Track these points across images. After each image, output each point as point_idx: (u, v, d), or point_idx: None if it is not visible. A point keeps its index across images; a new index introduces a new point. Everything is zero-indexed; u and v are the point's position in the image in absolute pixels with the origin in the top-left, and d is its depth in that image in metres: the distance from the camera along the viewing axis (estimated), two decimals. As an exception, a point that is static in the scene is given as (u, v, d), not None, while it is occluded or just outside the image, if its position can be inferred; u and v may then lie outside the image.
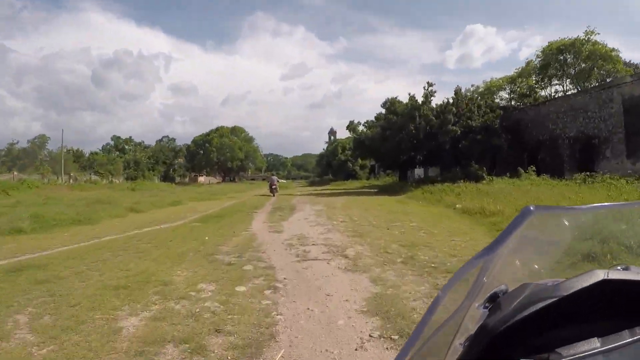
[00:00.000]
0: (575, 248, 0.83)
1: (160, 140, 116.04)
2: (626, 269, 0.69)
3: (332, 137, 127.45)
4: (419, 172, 55.63)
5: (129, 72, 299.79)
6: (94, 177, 76.12)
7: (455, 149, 36.90)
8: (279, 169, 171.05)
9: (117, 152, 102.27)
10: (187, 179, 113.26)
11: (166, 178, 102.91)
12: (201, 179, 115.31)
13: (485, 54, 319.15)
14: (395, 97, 46.81)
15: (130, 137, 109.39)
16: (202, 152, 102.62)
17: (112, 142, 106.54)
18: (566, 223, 0.79)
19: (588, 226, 0.82)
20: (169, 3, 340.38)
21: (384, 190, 39.96)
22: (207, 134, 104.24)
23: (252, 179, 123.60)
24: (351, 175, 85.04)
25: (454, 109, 37.57)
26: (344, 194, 36.90)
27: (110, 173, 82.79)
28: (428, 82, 41.05)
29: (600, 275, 0.64)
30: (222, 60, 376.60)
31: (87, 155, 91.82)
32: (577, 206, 0.79)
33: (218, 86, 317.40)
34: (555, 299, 0.63)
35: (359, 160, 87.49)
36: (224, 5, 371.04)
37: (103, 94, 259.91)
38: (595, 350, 0.58)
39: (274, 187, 37.82)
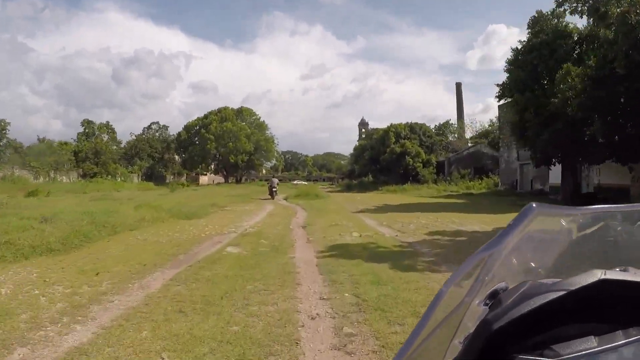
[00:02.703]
0: (575, 248, 0.82)
1: (149, 127, 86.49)
2: (624, 270, 0.68)
3: (363, 130, 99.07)
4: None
5: (150, 71, 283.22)
6: (19, 174, 47.68)
7: None
8: (298, 169, 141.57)
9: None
10: (183, 178, 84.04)
11: (152, 177, 73.60)
12: (204, 178, 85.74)
13: (507, 55, 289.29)
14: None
15: (108, 122, 79.88)
16: (196, 141, 73.10)
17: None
18: (567, 223, 0.79)
19: (588, 227, 0.81)
20: (186, 2, 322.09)
21: None
22: (205, 117, 74.29)
23: (267, 180, 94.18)
24: (410, 176, 55.07)
25: None
26: None
27: (52, 167, 53.78)
28: None
29: (598, 275, 0.63)
30: (241, 59, 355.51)
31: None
32: (579, 207, 0.79)
33: (238, 85, 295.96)
34: (554, 297, 0.62)
35: (422, 155, 57.40)
36: (241, 4, 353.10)
37: (123, 92, 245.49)
38: (592, 350, 0.58)
39: (274, 189, 32.87)
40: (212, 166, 77.05)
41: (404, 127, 60.77)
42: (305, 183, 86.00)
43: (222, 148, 69.27)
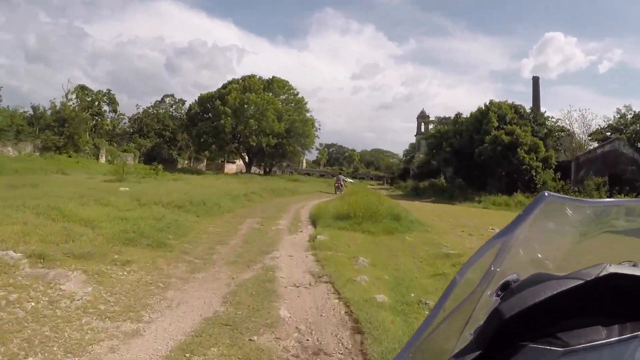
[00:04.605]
0: (584, 240, 0.80)
1: (161, 100, 66.90)
2: (634, 265, 0.68)
3: (422, 124, 78.36)
4: None
5: (202, 62, 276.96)
6: None
7: None
8: (342, 164, 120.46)
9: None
10: (202, 165, 64.19)
11: (155, 159, 53.56)
12: (231, 166, 65.67)
13: (561, 65, 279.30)
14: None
15: (109, 89, 60.29)
16: (205, 116, 52.76)
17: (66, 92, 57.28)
18: (579, 214, 0.76)
19: (600, 220, 0.79)
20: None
21: None
22: (223, 87, 53.76)
23: (307, 174, 73.21)
24: (520, 181, 33.80)
25: None
26: None
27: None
28: None
29: (608, 269, 0.62)
30: (293, 55, 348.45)
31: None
32: (591, 199, 0.77)
33: (289, 81, 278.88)
34: (564, 289, 0.61)
35: (541, 149, 35.68)
36: (293, 0, 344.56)
37: (175, 81, 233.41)
38: (601, 341, 0.57)
39: (336, 185, 33.07)
40: (231, 149, 55.62)
41: (508, 108, 38.90)
42: (352, 181, 65.40)
43: (242, 126, 48.46)
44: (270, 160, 57.47)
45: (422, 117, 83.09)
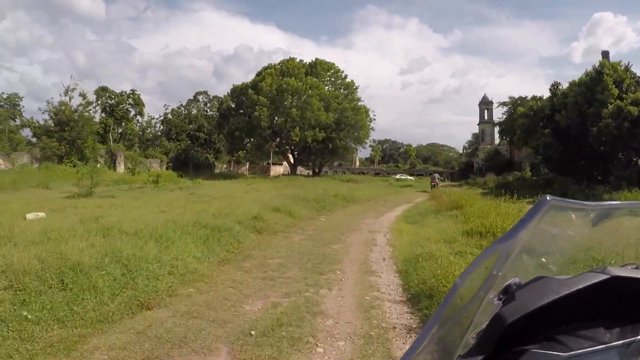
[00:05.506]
0: (588, 244, 0.80)
1: (194, 98, 59.28)
2: (637, 268, 0.68)
3: (486, 111, 72.42)
4: None
5: (250, 67, 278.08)
6: None
7: None
8: (397, 161, 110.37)
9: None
10: (244, 168, 56.34)
11: (187, 164, 46.48)
12: (277, 168, 57.28)
13: (613, 46, 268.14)
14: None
15: (133, 90, 52.85)
16: (241, 111, 43.95)
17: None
18: (581, 218, 0.75)
19: (603, 223, 0.77)
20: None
21: None
22: (258, 74, 44.66)
23: (361, 172, 63.83)
24: None
25: None
26: None
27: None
28: None
29: (611, 272, 0.62)
30: (338, 54, 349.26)
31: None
32: (594, 202, 0.75)
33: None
34: (567, 293, 0.61)
35: None
36: (334, 0, 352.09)
37: (223, 88, 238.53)
38: (604, 345, 0.57)
39: (433, 183, 32.25)
40: (271, 147, 46.74)
41: (623, 71, 28.51)
42: (412, 178, 55.97)
43: (281, 118, 39.84)
44: (319, 158, 48.39)
45: (485, 104, 73.53)
